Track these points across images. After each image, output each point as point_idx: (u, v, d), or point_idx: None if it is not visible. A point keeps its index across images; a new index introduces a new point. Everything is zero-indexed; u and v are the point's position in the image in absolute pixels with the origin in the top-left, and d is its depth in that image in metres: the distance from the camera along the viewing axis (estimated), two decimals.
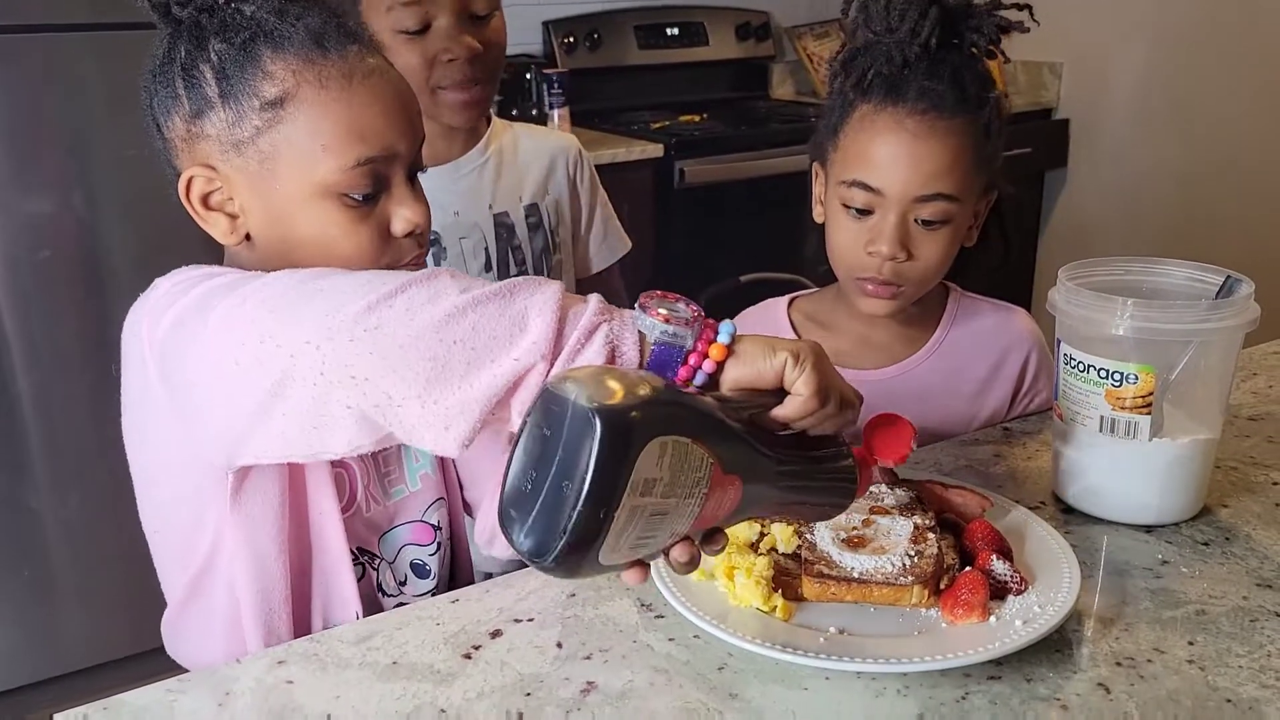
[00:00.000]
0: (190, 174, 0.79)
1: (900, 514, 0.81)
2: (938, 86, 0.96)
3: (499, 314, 0.64)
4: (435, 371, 0.63)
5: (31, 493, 1.93)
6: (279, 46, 0.75)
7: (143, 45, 1.96)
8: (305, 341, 0.65)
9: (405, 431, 0.66)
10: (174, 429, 0.77)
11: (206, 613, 0.84)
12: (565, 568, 0.58)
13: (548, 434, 0.57)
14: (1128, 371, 0.85)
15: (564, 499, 0.56)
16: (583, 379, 0.58)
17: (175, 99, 0.78)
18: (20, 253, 1.82)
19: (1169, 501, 0.89)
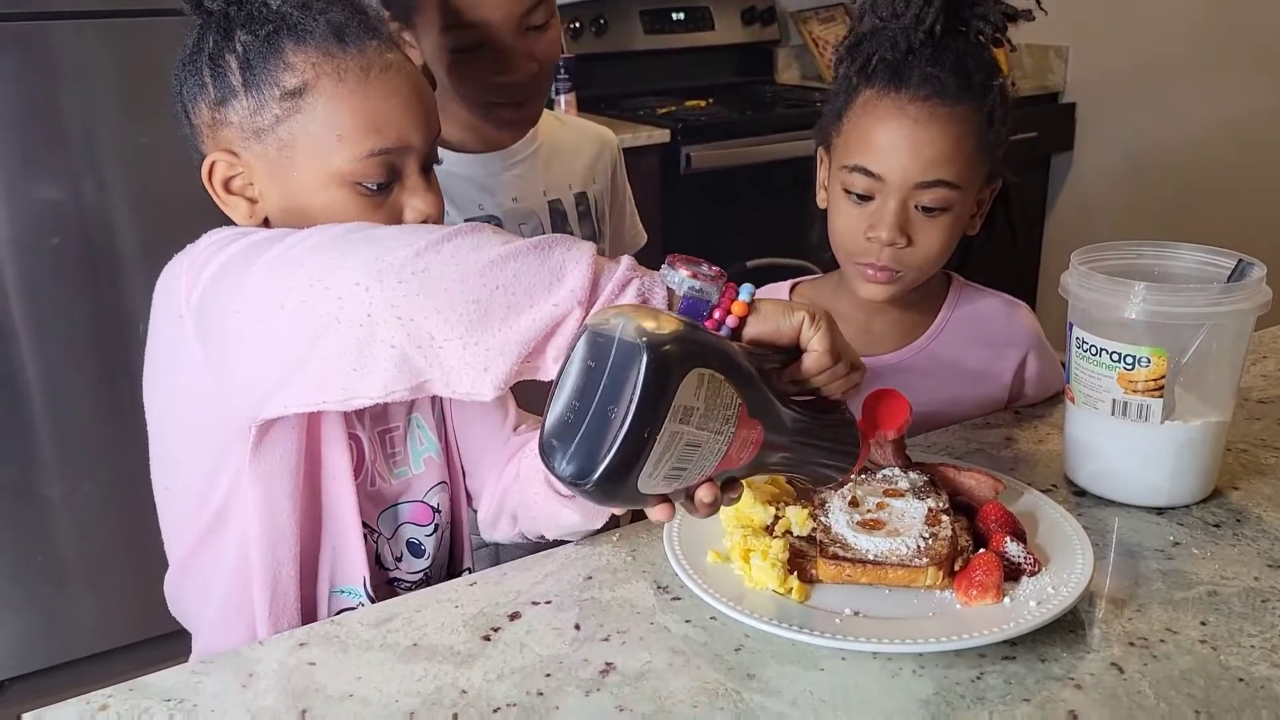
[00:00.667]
0: (213, 159, 0.82)
1: (914, 497, 0.81)
2: (941, 73, 0.96)
3: (539, 264, 0.68)
4: (478, 314, 0.66)
5: (42, 480, 1.94)
6: (301, 39, 0.78)
7: (152, 33, 1.96)
8: (355, 284, 0.67)
9: (444, 373, 0.68)
10: (203, 383, 0.78)
11: (211, 569, 0.85)
12: (606, 488, 0.61)
13: (592, 365, 0.61)
14: (1140, 355, 0.85)
15: (609, 422, 0.59)
16: (627, 313, 0.62)
17: (202, 87, 0.81)
18: (30, 240, 1.83)
19: (1180, 484, 0.89)
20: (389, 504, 0.93)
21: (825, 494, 0.83)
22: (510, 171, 1.24)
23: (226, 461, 0.80)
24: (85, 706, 0.69)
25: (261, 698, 0.69)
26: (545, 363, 0.69)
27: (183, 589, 0.90)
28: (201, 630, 0.90)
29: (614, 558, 0.84)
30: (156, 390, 0.85)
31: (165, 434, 0.85)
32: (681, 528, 0.83)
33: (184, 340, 0.77)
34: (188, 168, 2.10)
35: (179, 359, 0.79)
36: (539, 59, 1.13)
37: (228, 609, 0.85)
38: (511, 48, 1.10)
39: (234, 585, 0.84)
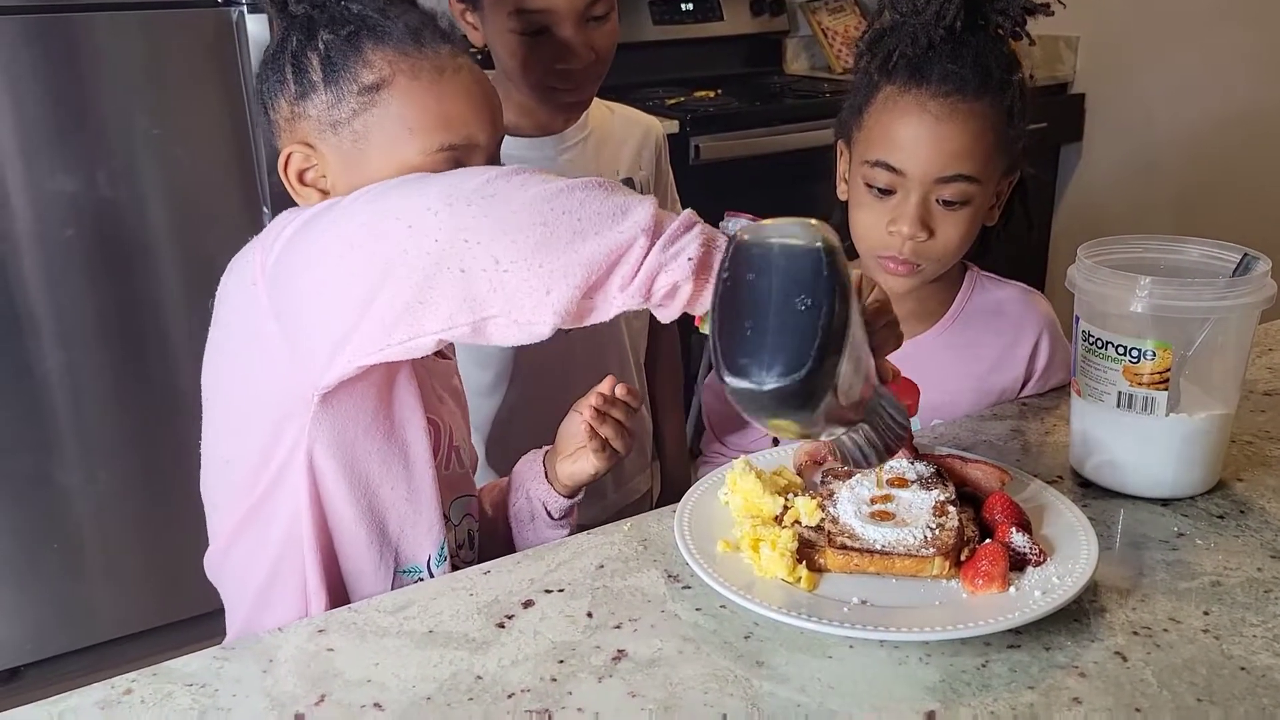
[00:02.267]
0: (289, 150, 0.86)
1: (921, 487, 0.82)
2: (961, 70, 0.97)
3: (604, 197, 0.70)
4: (544, 236, 0.68)
5: (59, 468, 1.96)
6: (380, 39, 0.83)
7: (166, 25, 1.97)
8: (426, 209, 0.69)
9: (507, 300, 0.69)
10: (272, 350, 0.80)
11: (259, 540, 0.88)
12: (816, 380, 0.61)
13: (752, 277, 0.62)
14: (1145, 348, 0.86)
15: (803, 314, 0.60)
16: (767, 224, 0.64)
17: (283, 83, 0.86)
18: (47, 231, 1.85)
19: (1185, 475, 0.90)
20: (459, 494, 0.98)
21: (834, 485, 0.84)
22: (563, 156, 1.28)
23: (286, 431, 0.82)
24: (110, 691, 0.70)
25: (281, 683, 0.71)
26: (609, 293, 0.69)
27: (225, 566, 0.92)
28: (242, 604, 0.92)
29: (625, 547, 0.86)
30: (219, 364, 0.87)
31: (229, 407, 0.87)
32: (691, 518, 0.84)
33: (256, 309, 0.79)
34: (200, 160, 2.12)
35: (249, 330, 0.82)
36: (597, 49, 1.19)
37: (275, 583, 0.88)
38: (572, 36, 1.17)
39: (285, 557, 0.86)
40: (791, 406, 0.62)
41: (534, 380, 1.32)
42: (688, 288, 0.69)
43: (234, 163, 1.97)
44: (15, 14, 1.76)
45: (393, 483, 0.88)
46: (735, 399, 0.63)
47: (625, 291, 0.68)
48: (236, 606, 0.94)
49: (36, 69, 1.79)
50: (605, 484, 1.36)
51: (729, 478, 0.87)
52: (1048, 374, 1.14)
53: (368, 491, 0.86)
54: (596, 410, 0.97)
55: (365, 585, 0.89)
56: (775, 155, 2.49)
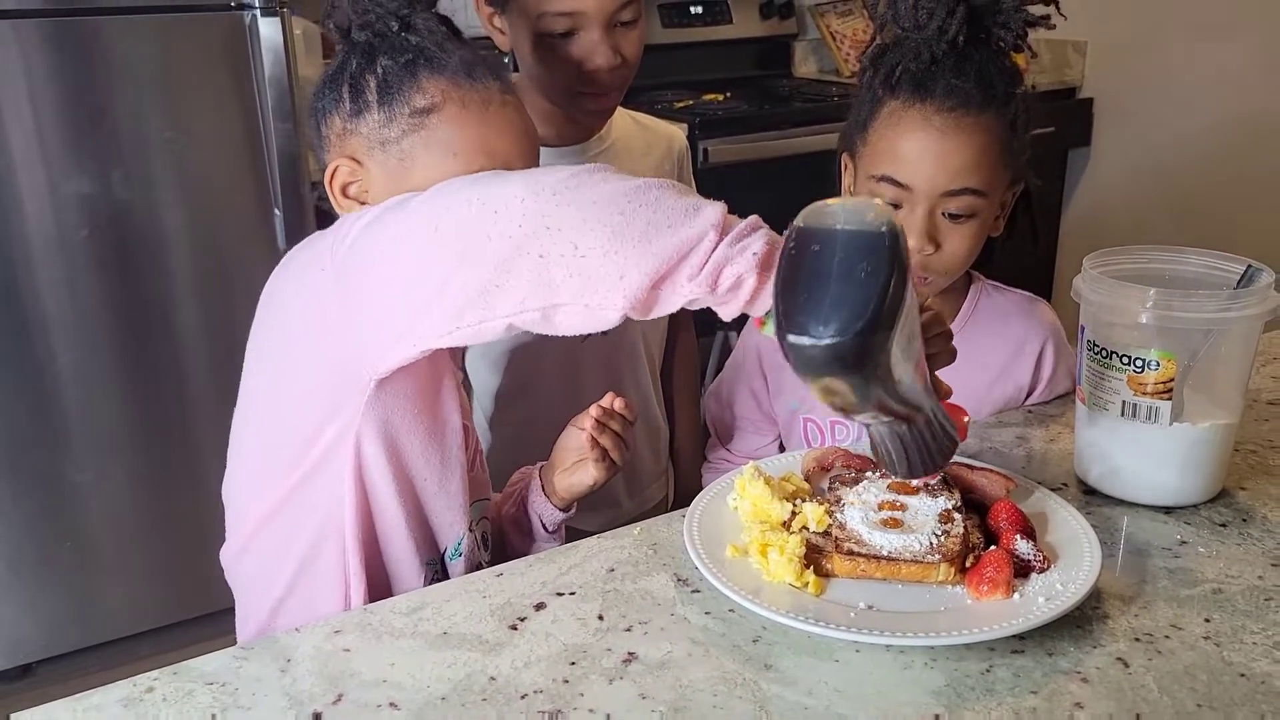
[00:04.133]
0: (336, 164, 0.91)
1: (927, 494, 0.84)
2: (964, 84, 0.98)
3: (677, 196, 0.73)
4: (621, 225, 0.71)
5: (72, 466, 1.98)
6: (436, 69, 0.89)
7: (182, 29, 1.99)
8: (512, 195, 0.72)
9: (581, 283, 0.71)
10: (334, 335, 0.82)
11: (292, 528, 0.89)
12: (871, 338, 0.63)
13: (817, 249, 0.65)
14: (1149, 358, 0.88)
15: (863, 280, 0.64)
16: (837, 203, 0.67)
17: (338, 102, 0.91)
18: (62, 232, 1.87)
19: (1188, 484, 0.91)
20: (479, 497, 1.01)
21: (841, 491, 0.86)
22: None
23: (336, 416, 0.84)
24: (132, 689, 0.72)
25: (299, 682, 0.72)
26: (678, 283, 0.71)
27: (247, 558, 0.94)
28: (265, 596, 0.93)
29: (635, 551, 0.87)
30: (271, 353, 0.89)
31: (275, 393, 0.89)
32: (701, 522, 0.85)
33: (321, 294, 0.82)
34: (213, 162, 2.14)
35: (309, 315, 0.84)
36: (624, 54, 1.20)
37: (309, 570, 0.89)
38: (600, 40, 1.17)
39: (323, 544, 0.88)
40: (844, 366, 0.64)
41: (552, 387, 1.34)
42: (751, 281, 0.71)
43: (247, 165, 1.99)
44: (32, 17, 1.78)
45: (430, 475, 0.91)
46: (792, 356, 0.65)
47: (693, 282, 0.71)
48: (258, 597, 0.95)
49: (52, 71, 1.81)
50: (619, 493, 1.37)
51: (738, 483, 0.88)
52: (1053, 383, 1.15)
53: (408, 482, 0.89)
54: (597, 421, 1.00)
55: (404, 572, 0.91)
56: (784, 159, 2.50)
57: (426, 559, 0.93)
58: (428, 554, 0.93)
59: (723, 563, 0.81)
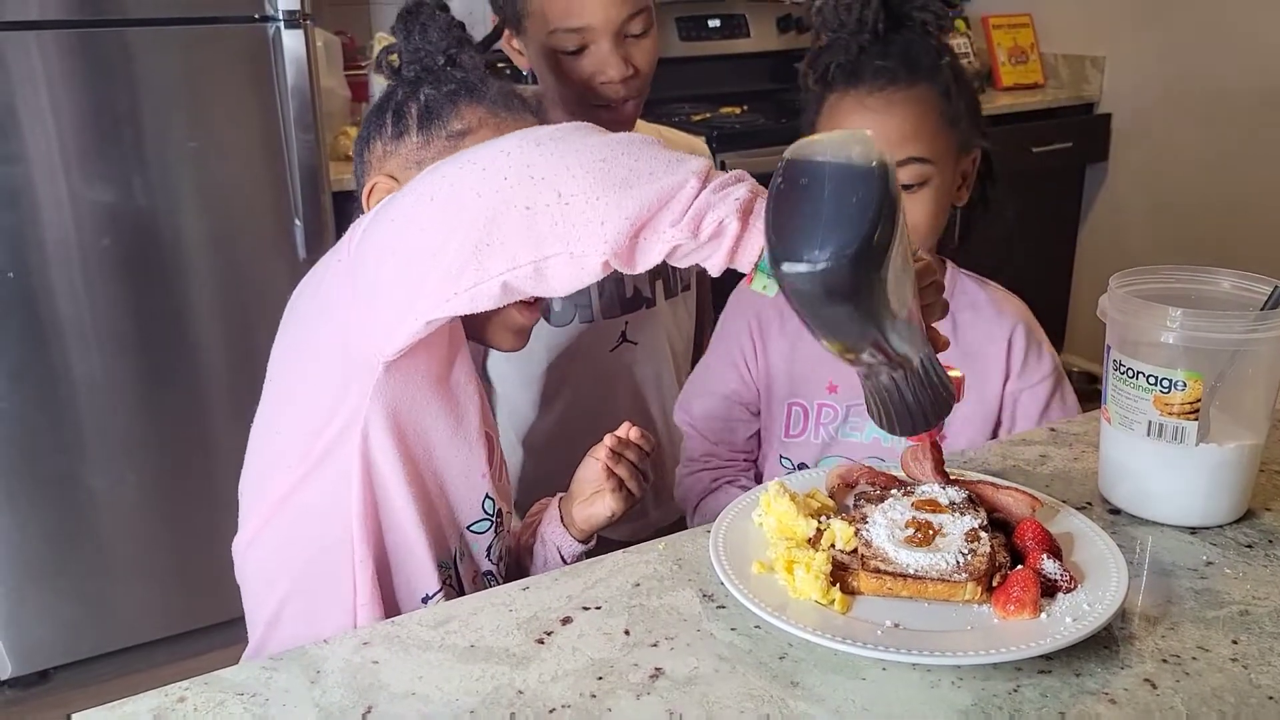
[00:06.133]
0: (375, 181, 0.97)
1: (954, 513, 0.84)
2: (889, 64, 1.06)
3: (659, 149, 0.74)
4: (603, 171, 0.72)
5: (89, 472, 2.00)
6: (476, 98, 0.95)
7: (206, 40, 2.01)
8: (500, 150, 0.74)
9: (566, 231, 0.72)
10: (345, 317, 0.83)
11: (301, 515, 0.90)
12: (868, 260, 0.65)
13: (806, 182, 0.66)
14: (1176, 379, 0.87)
15: (855, 205, 0.65)
16: (824, 137, 0.68)
17: (381, 127, 0.97)
18: (84, 239, 1.89)
19: (1214, 504, 0.91)
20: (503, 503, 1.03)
21: (866, 508, 0.86)
22: None
23: (346, 399, 0.85)
24: (164, 699, 0.73)
25: (329, 694, 0.73)
26: (659, 229, 0.72)
27: (255, 549, 0.95)
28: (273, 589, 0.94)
29: (660, 566, 0.87)
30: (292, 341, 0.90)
31: (292, 379, 0.90)
32: (726, 539, 0.86)
33: (337, 279, 0.84)
34: (234, 171, 2.16)
35: (324, 300, 0.86)
36: (636, 65, 1.23)
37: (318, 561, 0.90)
38: (610, 52, 1.21)
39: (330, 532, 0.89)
40: (842, 292, 0.65)
41: (582, 397, 1.35)
42: (734, 226, 0.71)
43: (268, 175, 2.00)
44: (56, 28, 1.80)
45: (446, 454, 0.92)
46: (788, 285, 0.66)
47: (675, 227, 0.71)
48: (264, 592, 0.95)
49: (77, 80, 1.83)
50: (647, 503, 1.38)
51: (763, 500, 0.88)
52: (1025, 372, 1.19)
53: (419, 472, 0.90)
54: (612, 451, 1.01)
55: (414, 570, 0.92)
56: None
57: (438, 559, 0.93)
58: (439, 553, 0.93)
59: (749, 579, 0.81)
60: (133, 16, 1.84)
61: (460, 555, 0.97)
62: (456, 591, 0.97)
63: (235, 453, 0.96)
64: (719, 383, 1.26)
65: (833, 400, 1.20)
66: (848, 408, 1.19)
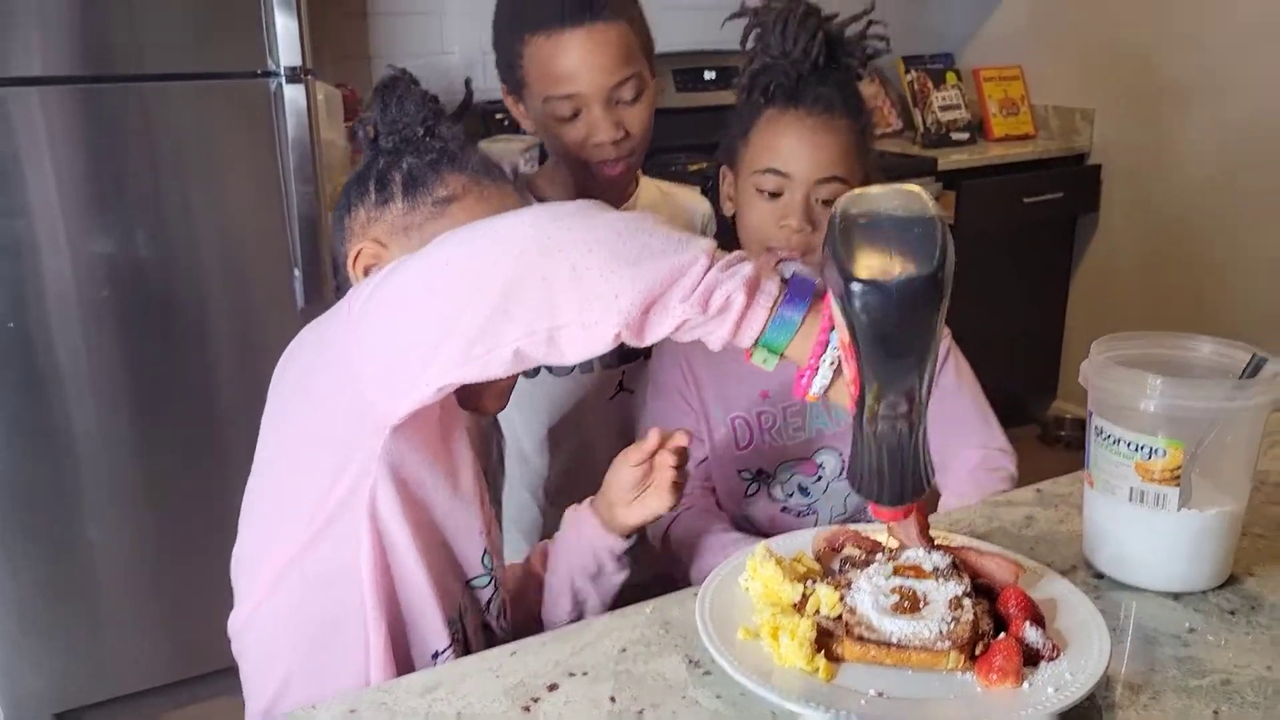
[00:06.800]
0: (361, 246, 0.98)
1: (938, 579, 0.84)
2: (829, 92, 1.19)
3: (670, 228, 0.78)
4: (617, 248, 0.75)
5: (86, 524, 2.00)
6: (458, 166, 0.97)
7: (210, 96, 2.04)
8: (517, 223, 0.77)
9: (580, 303, 0.75)
10: (351, 382, 0.84)
11: (305, 586, 0.90)
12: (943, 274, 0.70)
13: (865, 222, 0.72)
14: (1157, 445, 0.89)
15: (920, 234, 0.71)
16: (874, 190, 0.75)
17: (364, 194, 0.99)
18: (81, 291, 1.90)
19: (1196, 570, 0.92)
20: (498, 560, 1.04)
21: (852, 574, 0.86)
22: None
23: (350, 466, 0.86)
24: None
25: None
26: (670, 304, 0.76)
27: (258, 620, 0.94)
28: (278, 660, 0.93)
29: (647, 630, 0.88)
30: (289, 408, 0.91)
31: (292, 447, 0.91)
32: (713, 603, 0.86)
33: (341, 343, 0.85)
34: (234, 224, 2.17)
35: (327, 365, 0.86)
36: (628, 127, 1.28)
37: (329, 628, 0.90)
38: (602, 116, 1.26)
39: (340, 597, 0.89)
40: (915, 309, 0.70)
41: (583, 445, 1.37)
42: (740, 299, 0.76)
43: (267, 226, 2.02)
44: (64, 83, 1.83)
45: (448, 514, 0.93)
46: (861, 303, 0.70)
47: (685, 303, 0.75)
48: (268, 669, 0.95)
49: (80, 134, 1.85)
50: None
51: (749, 564, 0.89)
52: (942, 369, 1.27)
53: (426, 529, 0.91)
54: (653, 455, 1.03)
55: (425, 630, 0.92)
56: None
57: (448, 616, 0.94)
58: (448, 610, 0.94)
59: (734, 645, 0.81)
60: (136, 72, 1.87)
61: (465, 610, 0.98)
62: (462, 646, 0.97)
63: (233, 506, 0.96)
64: (665, 421, 1.29)
65: (768, 406, 1.27)
66: (784, 409, 1.27)
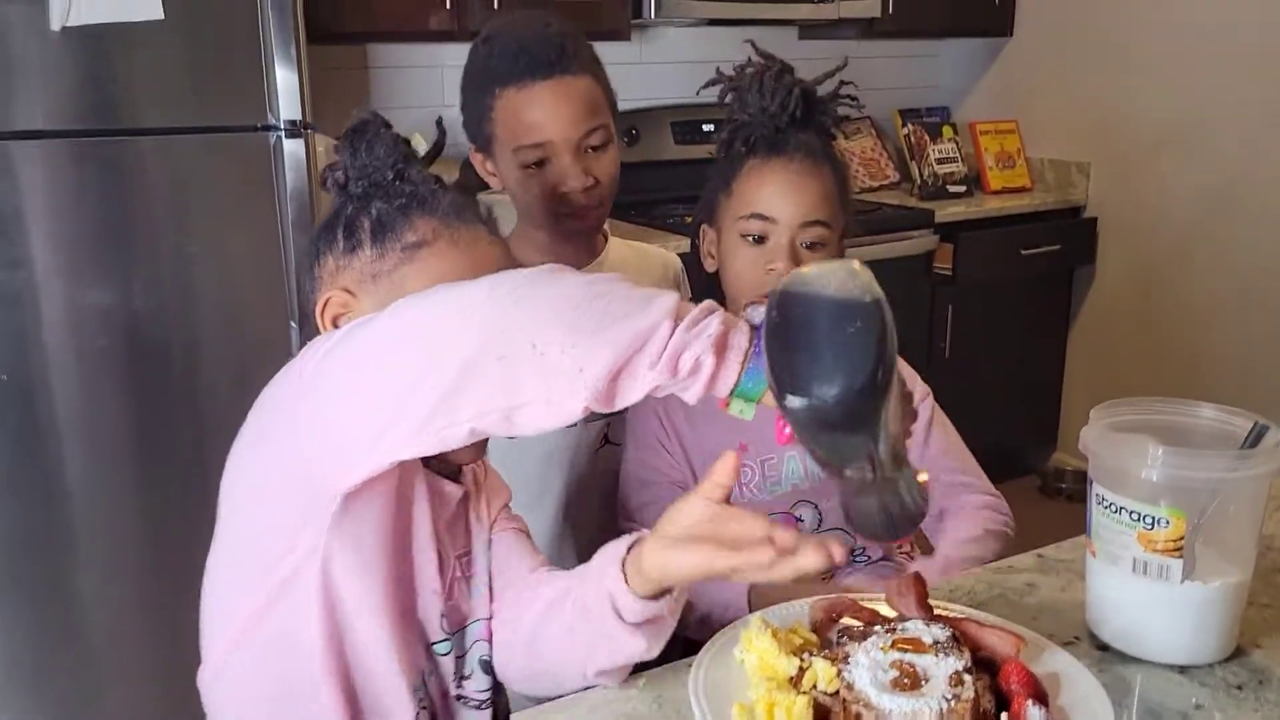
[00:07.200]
0: (329, 295, 0.94)
1: (938, 653, 0.83)
2: (810, 140, 1.22)
3: (629, 290, 0.75)
4: (576, 319, 0.72)
5: (80, 576, 1.97)
6: (428, 211, 0.93)
7: (207, 149, 2.04)
8: (470, 303, 0.74)
9: (542, 381, 0.72)
10: (303, 449, 0.82)
11: (261, 652, 0.88)
12: (875, 393, 0.67)
13: (801, 312, 0.69)
14: (1159, 515, 0.87)
15: (854, 335, 0.67)
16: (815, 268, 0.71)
17: (333, 242, 0.95)
18: (80, 341, 1.89)
19: (1202, 643, 0.90)
20: (471, 619, 0.99)
21: (850, 647, 0.85)
22: None
23: (303, 533, 0.84)
24: None
25: None
26: (638, 371, 0.73)
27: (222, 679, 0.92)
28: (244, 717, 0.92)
29: (640, 704, 0.86)
30: (246, 467, 0.89)
31: (248, 508, 0.89)
32: (707, 677, 0.84)
33: (294, 405, 0.82)
34: (232, 276, 2.16)
35: (281, 428, 0.85)
36: (597, 175, 1.29)
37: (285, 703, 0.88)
38: (570, 165, 1.27)
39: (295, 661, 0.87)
40: (849, 423, 0.68)
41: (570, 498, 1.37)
42: (709, 361, 0.73)
43: (265, 278, 2.02)
44: (65, 137, 1.84)
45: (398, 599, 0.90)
46: (795, 419, 0.68)
47: (654, 369, 0.72)
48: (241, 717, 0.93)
49: (81, 188, 1.86)
50: None
51: (744, 636, 0.87)
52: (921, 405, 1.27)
53: (383, 596, 0.88)
54: None
55: (390, 702, 0.90)
56: None
57: (412, 683, 0.91)
58: (413, 677, 0.91)
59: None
60: (137, 126, 1.88)
61: (429, 674, 0.95)
62: (429, 714, 0.94)
63: None
64: (647, 471, 1.30)
65: (746, 460, 1.26)
66: (762, 462, 1.26)
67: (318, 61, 2.10)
